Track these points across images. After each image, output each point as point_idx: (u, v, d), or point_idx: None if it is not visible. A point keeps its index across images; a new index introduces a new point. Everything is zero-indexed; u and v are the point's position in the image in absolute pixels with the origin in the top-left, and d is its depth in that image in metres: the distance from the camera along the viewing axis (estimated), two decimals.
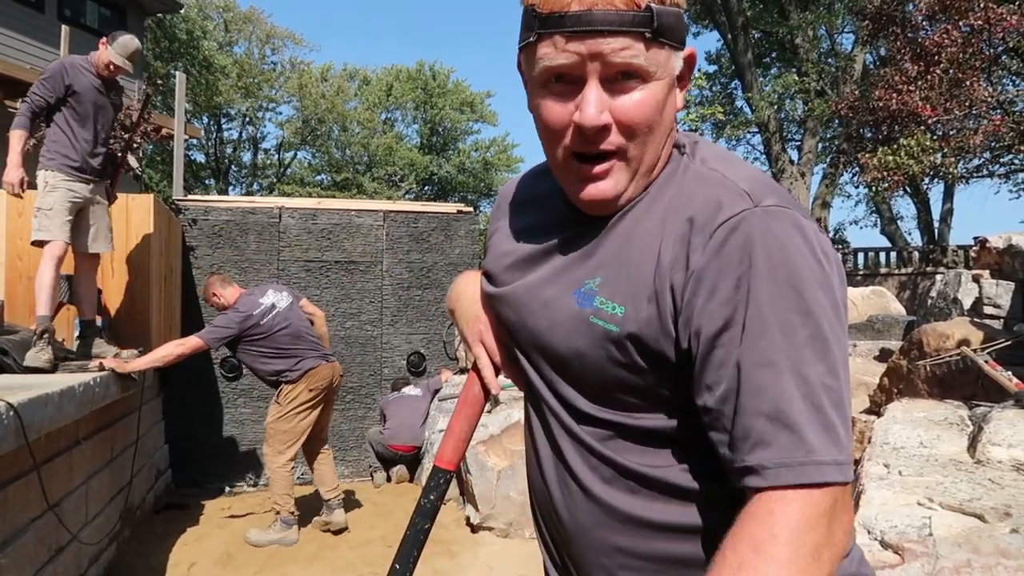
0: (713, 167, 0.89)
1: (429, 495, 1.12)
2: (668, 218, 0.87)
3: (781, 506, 0.74)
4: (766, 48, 21.64)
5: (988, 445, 1.99)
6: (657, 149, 0.91)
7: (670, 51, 0.87)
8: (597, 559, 0.96)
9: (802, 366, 0.76)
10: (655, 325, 0.85)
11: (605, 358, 0.89)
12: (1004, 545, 1.37)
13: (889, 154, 11.42)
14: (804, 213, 0.84)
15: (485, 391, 1.12)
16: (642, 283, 0.86)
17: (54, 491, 3.44)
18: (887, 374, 3.97)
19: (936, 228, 20.18)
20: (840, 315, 0.80)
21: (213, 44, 25.13)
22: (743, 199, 0.83)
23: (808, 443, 0.74)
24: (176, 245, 6.43)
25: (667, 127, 0.91)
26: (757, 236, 0.79)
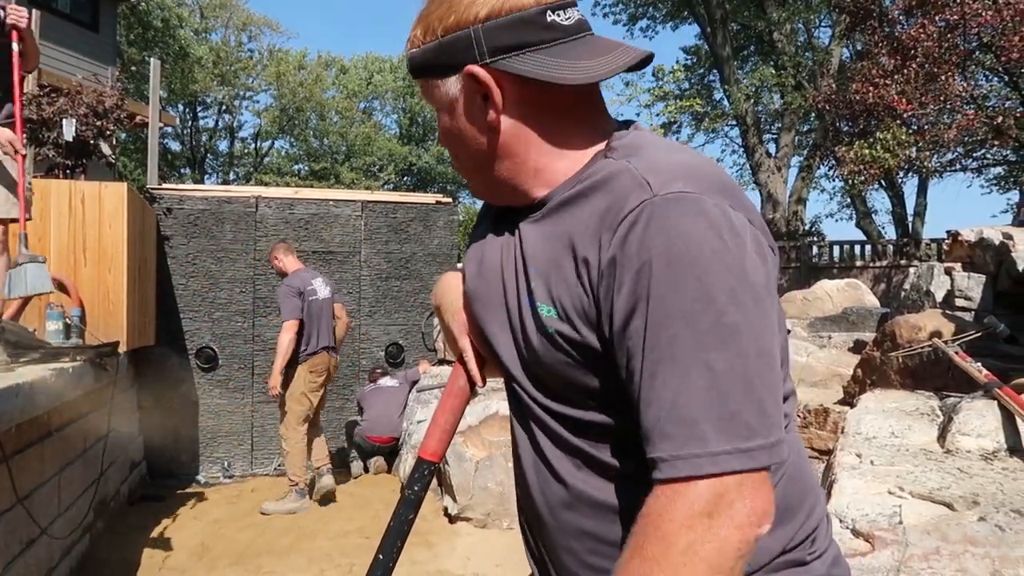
0: (630, 162, 0.88)
1: (413, 486, 1.12)
2: (587, 218, 0.88)
3: (671, 500, 0.76)
4: (744, 41, 21.73)
5: (957, 435, 2.02)
6: (482, 160, 0.98)
7: (438, 81, 0.96)
8: (567, 543, 0.98)
9: (704, 355, 0.76)
10: (579, 321, 0.88)
11: (543, 350, 0.92)
12: (972, 533, 1.39)
13: (865, 147, 11.53)
14: (718, 194, 0.82)
15: (470, 383, 1.12)
16: (569, 283, 0.89)
17: (25, 483, 3.39)
18: (860, 365, 4.02)
19: (910, 222, 20.43)
20: (756, 294, 0.80)
21: (189, 32, 24.77)
22: (644, 190, 0.83)
23: (704, 435, 0.75)
24: (151, 235, 6.34)
25: (472, 141, 0.97)
26: (655, 226, 0.80)
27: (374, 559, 1.10)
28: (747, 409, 0.76)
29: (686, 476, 0.75)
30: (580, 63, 0.90)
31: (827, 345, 6.06)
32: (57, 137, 5.82)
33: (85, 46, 11.06)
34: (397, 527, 1.11)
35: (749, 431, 0.75)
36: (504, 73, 0.91)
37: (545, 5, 0.91)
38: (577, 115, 0.96)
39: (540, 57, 0.90)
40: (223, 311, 6.75)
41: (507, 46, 0.90)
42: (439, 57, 0.94)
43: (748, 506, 0.75)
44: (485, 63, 0.91)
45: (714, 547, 0.73)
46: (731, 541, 0.74)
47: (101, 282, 5.22)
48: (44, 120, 5.81)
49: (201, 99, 26.70)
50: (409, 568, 4.43)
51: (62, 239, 5.15)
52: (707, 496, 0.74)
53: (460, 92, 0.95)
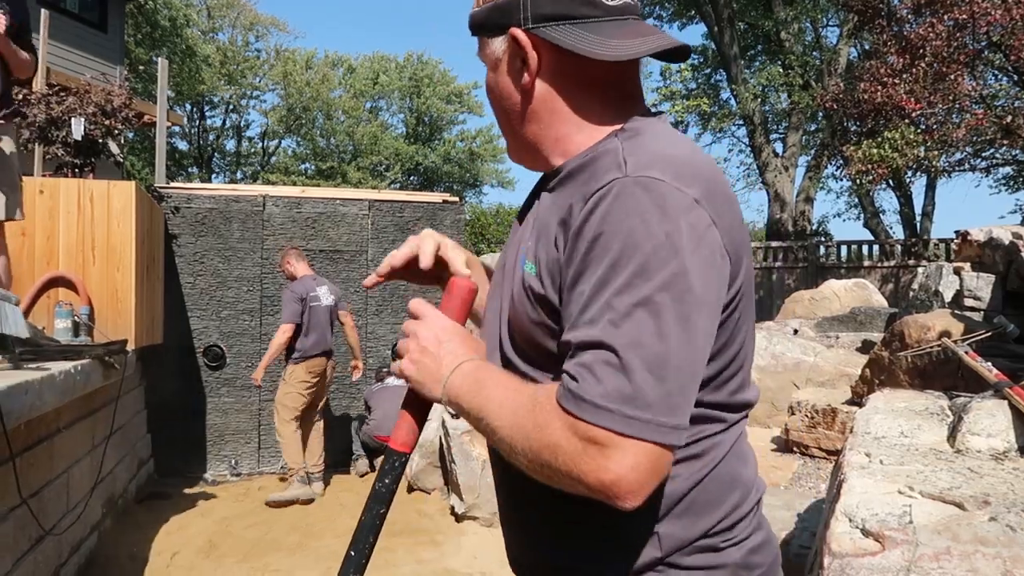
0: (622, 144, 0.93)
1: (384, 479, 1.09)
2: (576, 189, 0.94)
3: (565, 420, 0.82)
4: (751, 41, 21.66)
5: (968, 435, 2.01)
6: (517, 121, 1.04)
7: (488, 39, 1.03)
8: (524, 522, 1.08)
9: (622, 325, 0.81)
10: (549, 277, 0.94)
11: (520, 307, 0.99)
12: (983, 533, 1.38)
13: (873, 147, 11.48)
14: (693, 189, 0.87)
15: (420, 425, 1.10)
16: (549, 245, 0.95)
17: (34, 480, 3.41)
18: (869, 365, 4.00)
19: (918, 222, 20.34)
20: (690, 287, 0.83)
21: (196, 32, 24.85)
22: (619, 169, 0.88)
23: (599, 379, 0.80)
24: (158, 233, 6.36)
25: (509, 102, 1.03)
26: (617, 204, 0.85)
27: (346, 555, 1.07)
28: (647, 383, 0.79)
29: (581, 418, 0.80)
30: (611, 41, 0.95)
31: (835, 345, 6.04)
32: (66, 136, 5.84)
33: (93, 46, 11.11)
34: (369, 522, 1.08)
35: (641, 402, 0.79)
36: (543, 40, 0.97)
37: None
38: (604, 94, 1.01)
39: (576, 30, 0.95)
40: (230, 310, 6.77)
41: (549, 15, 0.96)
42: (491, 17, 1.01)
43: (612, 472, 0.79)
44: (527, 28, 0.97)
45: (564, 468, 0.82)
46: (581, 474, 0.81)
47: (109, 280, 5.23)
48: (53, 119, 5.83)
49: (208, 98, 26.79)
50: (416, 567, 4.44)
51: (71, 237, 5.17)
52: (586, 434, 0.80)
53: (504, 52, 1.02)
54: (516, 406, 0.88)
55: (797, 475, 3.58)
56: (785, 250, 15.91)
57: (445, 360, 1.00)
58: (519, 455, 0.87)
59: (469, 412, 0.96)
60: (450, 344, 1.01)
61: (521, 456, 0.87)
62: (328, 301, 5.92)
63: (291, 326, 5.72)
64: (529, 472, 0.88)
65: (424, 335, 1.03)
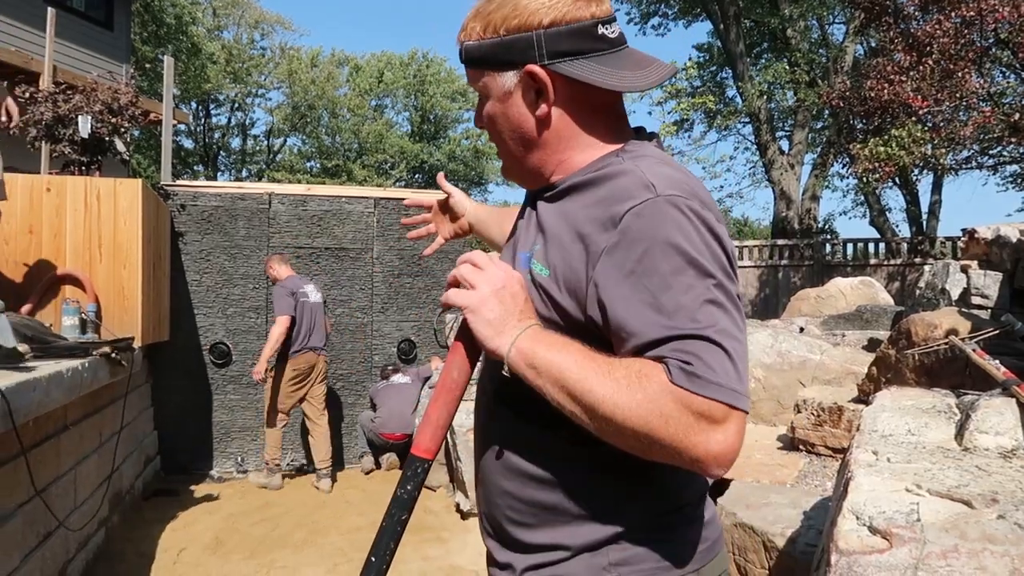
0: (637, 165, 1.03)
1: (406, 485, 1.09)
2: (595, 204, 1.03)
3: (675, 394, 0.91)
4: (757, 38, 21.59)
5: (975, 433, 2.00)
6: (522, 145, 1.13)
7: (493, 73, 1.10)
8: (493, 499, 1.18)
9: (702, 319, 0.93)
10: (569, 286, 1.03)
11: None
12: (991, 531, 1.38)
13: (880, 145, 11.44)
14: (700, 202, 1.00)
15: (467, 375, 1.12)
16: (567, 254, 1.04)
17: (42, 476, 3.42)
18: (875, 363, 3.99)
19: (924, 220, 20.27)
20: (733, 281, 0.99)
21: (202, 30, 24.88)
22: (648, 190, 0.98)
23: (708, 363, 0.91)
24: (165, 231, 6.38)
25: (519, 129, 1.12)
26: (657, 218, 0.96)
27: (367, 561, 1.07)
28: (730, 357, 0.92)
29: (700, 394, 0.90)
30: (623, 72, 1.07)
31: (841, 343, 6.02)
32: (73, 134, 5.85)
33: (100, 44, 11.13)
34: (390, 527, 1.08)
35: (731, 376, 0.92)
36: (557, 74, 1.06)
37: (598, 19, 1.07)
38: (607, 117, 1.12)
39: (591, 64, 1.06)
40: (236, 307, 6.78)
41: (565, 51, 1.06)
42: (499, 53, 1.09)
43: (719, 439, 0.91)
44: (544, 64, 1.06)
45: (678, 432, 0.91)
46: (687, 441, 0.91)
47: (116, 278, 5.25)
48: (60, 117, 5.84)
49: (214, 96, 26.82)
50: (422, 564, 4.45)
51: (78, 235, 5.19)
52: (696, 405, 0.90)
53: (517, 86, 1.09)
54: (618, 376, 0.94)
55: (803, 473, 3.57)
56: (791, 248, 15.86)
57: (525, 312, 1.05)
58: (618, 422, 0.93)
59: (545, 371, 0.99)
60: (529, 301, 1.07)
61: (620, 423, 0.93)
62: (316, 298, 6.13)
63: (288, 317, 5.89)
64: (619, 436, 0.95)
65: (502, 279, 1.07)
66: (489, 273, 1.08)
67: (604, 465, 1.06)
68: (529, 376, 1.01)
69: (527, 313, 1.05)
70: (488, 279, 1.07)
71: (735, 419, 0.91)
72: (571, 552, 1.08)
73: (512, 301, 1.05)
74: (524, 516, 1.13)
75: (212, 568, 4.38)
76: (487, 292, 1.06)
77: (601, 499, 1.07)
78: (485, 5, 1.10)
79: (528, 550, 1.13)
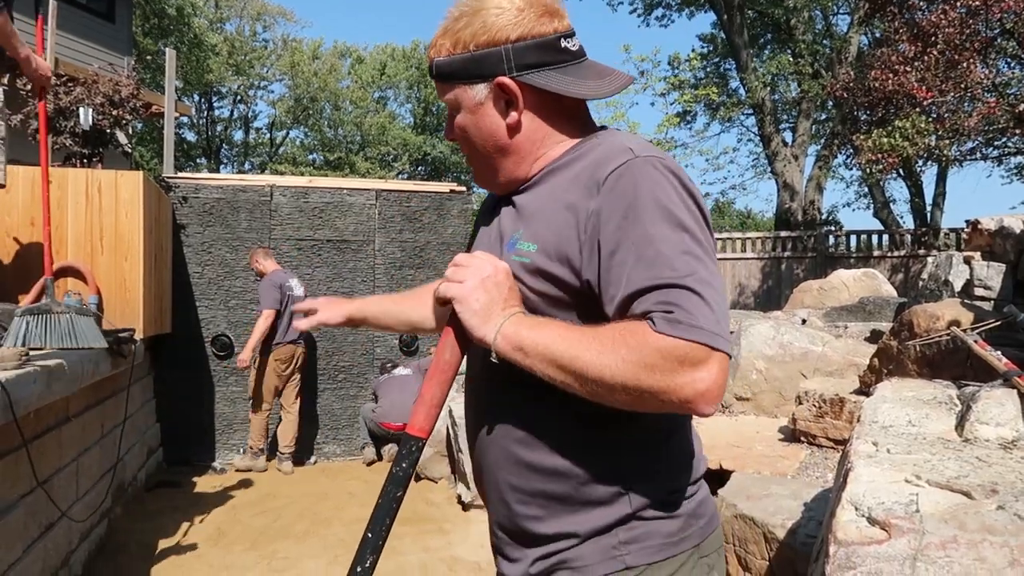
0: (611, 138, 1.14)
1: (401, 463, 1.13)
2: (577, 176, 1.12)
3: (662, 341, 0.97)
4: (761, 29, 21.47)
5: (976, 424, 2.00)
6: (497, 151, 1.21)
7: (464, 86, 1.18)
8: (499, 494, 1.21)
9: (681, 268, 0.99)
10: (560, 254, 1.09)
11: (522, 287, 1.13)
12: (990, 521, 1.38)
13: (884, 136, 11.38)
14: (675, 163, 1.09)
15: (459, 357, 1.17)
16: (554, 224, 1.11)
17: (44, 468, 3.43)
18: (877, 355, 3.98)
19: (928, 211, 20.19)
20: (708, 235, 1.06)
21: (203, 21, 24.83)
22: (627, 152, 1.07)
23: (687, 309, 0.97)
24: (166, 223, 6.38)
25: (491, 137, 1.20)
26: (638, 176, 1.04)
27: (363, 537, 1.11)
28: (713, 302, 0.99)
29: (682, 338, 0.96)
30: (587, 82, 1.17)
31: (843, 335, 6.01)
32: (74, 126, 5.85)
33: (101, 36, 11.11)
34: (385, 504, 1.12)
35: (714, 318, 0.98)
36: (526, 84, 1.15)
37: (560, 33, 1.17)
38: (573, 119, 1.22)
39: (556, 75, 1.16)
40: (238, 299, 6.78)
41: (532, 63, 1.15)
42: (469, 68, 1.17)
43: (706, 379, 0.96)
44: (513, 76, 1.15)
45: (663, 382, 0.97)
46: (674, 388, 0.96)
47: (117, 270, 5.26)
48: (61, 109, 5.83)
49: (216, 89, 26.80)
50: (423, 555, 4.46)
51: (79, 227, 5.19)
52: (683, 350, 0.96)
53: (488, 97, 1.18)
54: (602, 338, 1.01)
55: (804, 464, 3.56)
56: (794, 240, 15.82)
57: (509, 300, 1.11)
58: (608, 380, 0.99)
59: (532, 350, 1.05)
60: (513, 290, 1.13)
61: (610, 381, 0.99)
62: (300, 292, 6.35)
63: (273, 312, 6.10)
64: (612, 397, 1.01)
65: (489, 271, 1.13)
66: (475, 266, 1.14)
67: (608, 452, 1.12)
68: (518, 358, 1.06)
69: (511, 301, 1.11)
70: (474, 272, 1.13)
71: (716, 359, 0.97)
72: (580, 538, 1.13)
73: (496, 290, 1.11)
74: (532, 508, 1.16)
75: (214, 559, 4.40)
76: (473, 284, 1.11)
77: (608, 484, 1.12)
78: (453, 23, 1.17)
79: (538, 542, 1.17)
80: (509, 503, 1.19)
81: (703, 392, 0.97)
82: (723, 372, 0.98)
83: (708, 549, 1.18)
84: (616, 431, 1.09)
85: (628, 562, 1.11)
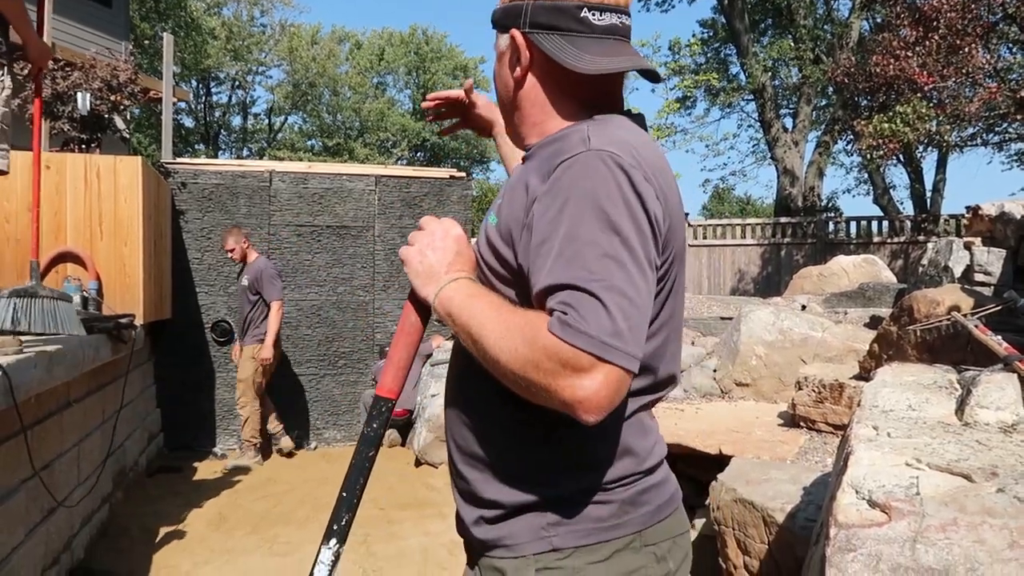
0: (589, 127, 1.11)
1: (372, 423, 1.17)
2: (542, 160, 1.12)
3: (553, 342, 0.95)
4: (761, 15, 21.34)
5: (976, 408, 2.00)
6: (509, 105, 1.25)
7: (499, 35, 1.23)
8: (450, 451, 1.27)
9: (597, 271, 0.97)
10: (507, 233, 1.12)
11: (477, 254, 1.18)
12: (990, 504, 1.38)
13: (884, 121, 11.34)
14: (634, 160, 1.05)
15: (422, 319, 1.21)
16: (513, 203, 1.13)
17: (45, 452, 3.44)
18: (877, 340, 3.98)
19: (928, 198, 20.16)
20: (646, 241, 1.02)
21: (201, 4, 24.67)
22: (583, 144, 1.06)
23: (583, 314, 0.95)
24: (165, 209, 6.37)
25: (505, 90, 1.23)
26: (583, 171, 1.03)
27: (339, 496, 1.16)
28: (619, 315, 0.95)
29: (568, 342, 0.94)
30: (586, 55, 1.13)
31: (843, 321, 6.02)
32: (72, 111, 5.83)
33: (98, 21, 11.03)
34: (359, 464, 1.17)
35: (613, 330, 0.94)
36: (532, 43, 1.17)
37: (584, 3, 1.14)
38: (580, 94, 1.19)
39: (561, 41, 1.15)
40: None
41: (542, 24, 1.16)
42: (502, 17, 1.21)
43: (587, 387, 0.94)
44: (524, 31, 1.17)
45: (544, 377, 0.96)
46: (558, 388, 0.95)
47: (117, 255, 5.25)
48: (59, 94, 5.81)
49: (214, 75, 26.66)
50: (423, 539, 4.48)
51: (78, 212, 5.18)
52: (566, 353, 0.94)
53: (507, 48, 1.22)
54: (509, 324, 1.01)
55: (803, 449, 3.58)
56: (794, 226, 15.80)
57: (454, 265, 1.14)
58: (502, 365, 1.00)
59: (457, 318, 1.08)
60: (461, 255, 1.16)
61: (504, 366, 1.00)
62: None
63: (282, 302, 6.07)
64: (507, 382, 1.02)
65: (439, 235, 1.17)
66: (426, 232, 1.19)
67: (544, 431, 1.13)
68: (448, 322, 1.11)
69: (456, 266, 1.15)
70: (422, 236, 1.18)
71: (603, 370, 0.94)
72: (507, 511, 1.15)
73: (441, 254, 1.15)
74: (471, 470, 1.21)
75: (215, 543, 4.42)
76: (419, 247, 1.17)
77: (537, 465, 1.14)
78: None
79: (475, 502, 1.21)
80: (455, 461, 1.25)
81: (582, 400, 0.95)
82: (609, 384, 0.95)
83: (655, 537, 1.17)
84: (542, 414, 1.05)
85: (555, 543, 1.12)
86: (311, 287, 6.97)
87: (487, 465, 1.18)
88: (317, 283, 6.98)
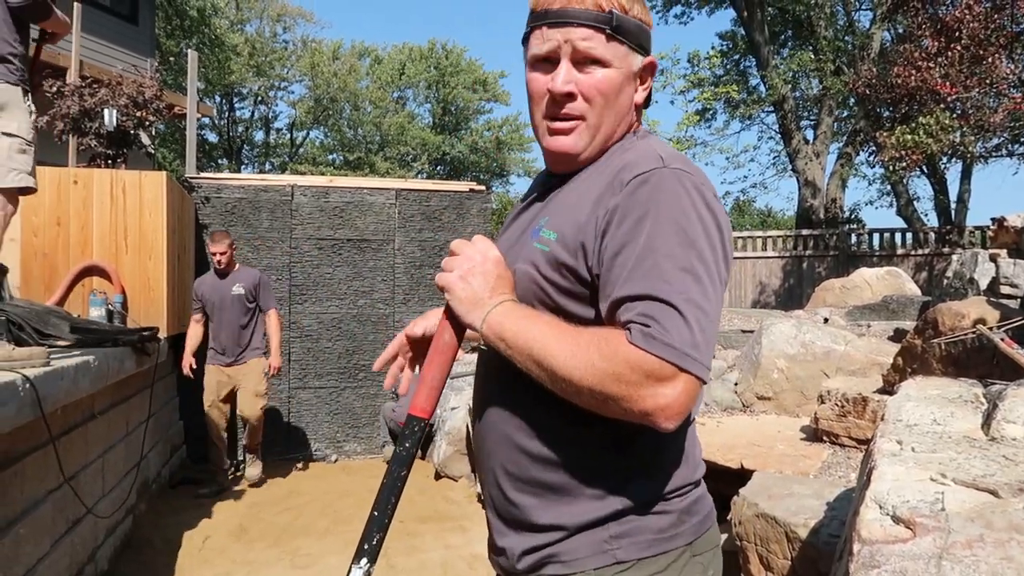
0: (649, 143, 1.17)
1: (405, 443, 1.15)
2: (606, 174, 1.14)
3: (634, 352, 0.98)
4: (781, 26, 21.26)
5: (1003, 422, 1.97)
6: (612, 122, 1.21)
7: (628, 50, 1.19)
8: (495, 479, 1.23)
9: (675, 284, 1.00)
10: (577, 245, 1.11)
11: (535, 273, 1.15)
12: (1018, 520, 1.36)
13: (907, 133, 11.24)
14: (703, 179, 1.10)
15: (458, 338, 1.19)
16: (577, 217, 1.13)
17: (71, 464, 3.48)
18: (901, 354, 3.93)
19: (953, 209, 19.91)
20: (718, 258, 1.06)
21: (224, 22, 25.05)
22: (656, 161, 1.09)
23: (665, 326, 0.98)
24: (189, 222, 6.45)
25: (621, 106, 1.21)
26: (660, 187, 1.06)
27: (370, 516, 1.13)
28: (699, 330, 0.99)
29: (652, 352, 0.97)
30: None
31: (866, 334, 5.95)
32: (99, 127, 5.93)
33: (125, 38, 11.23)
34: (390, 484, 1.14)
35: (693, 343, 0.98)
36: None
37: None
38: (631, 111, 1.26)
39: None
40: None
41: (648, 51, 1.24)
42: (640, 38, 1.21)
43: (675, 400, 0.98)
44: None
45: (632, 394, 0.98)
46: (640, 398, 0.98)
47: (142, 269, 5.32)
48: (86, 111, 5.91)
49: (237, 90, 27.01)
50: (444, 552, 4.47)
51: (104, 227, 5.26)
52: (654, 366, 0.97)
53: (639, 69, 1.22)
54: (578, 341, 1.02)
55: (827, 464, 3.53)
56: (816, 238, 15.66)
57: (497, 288, 1.13)
58: (575, 382, 1.01)
59: (512, 342, 1.07)
60: (502, 278, 1.15)
61: (578, 383, 1.01)
62: None
63: (277, 312, 6.05)
64: (579, 398, 1.03)
65: (478, 259, 1.15)
66: (463, 256, 1.16)
67: (606, 445, 1.13)
68: (500, 347, 1.09)
69: (499, 289, 1.13)
70: (460, 262, 1.16)
71: (683, 379, 0.98)
72: (569, 532, 1.14)
73: (483, 279, 1.13)
74: (525, 497, 1.18)
75: (236, 555, 4.44)
76: (459, 273, 1.15)
77: (604, 478, 1.13)
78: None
79: (529, 530, 1.17)
80: (504, 489, 1.21)
81: (663, 407, 0.98)
82: (687, 393, 0.98)
83: (702, 548, 1.19)
84: (614, 425, 1.07)
85: (619, 556, 1.12)
86: (332, 300, 7.01)
87: (548, 488, 1.16)
88: (338, 296, 7.02)
